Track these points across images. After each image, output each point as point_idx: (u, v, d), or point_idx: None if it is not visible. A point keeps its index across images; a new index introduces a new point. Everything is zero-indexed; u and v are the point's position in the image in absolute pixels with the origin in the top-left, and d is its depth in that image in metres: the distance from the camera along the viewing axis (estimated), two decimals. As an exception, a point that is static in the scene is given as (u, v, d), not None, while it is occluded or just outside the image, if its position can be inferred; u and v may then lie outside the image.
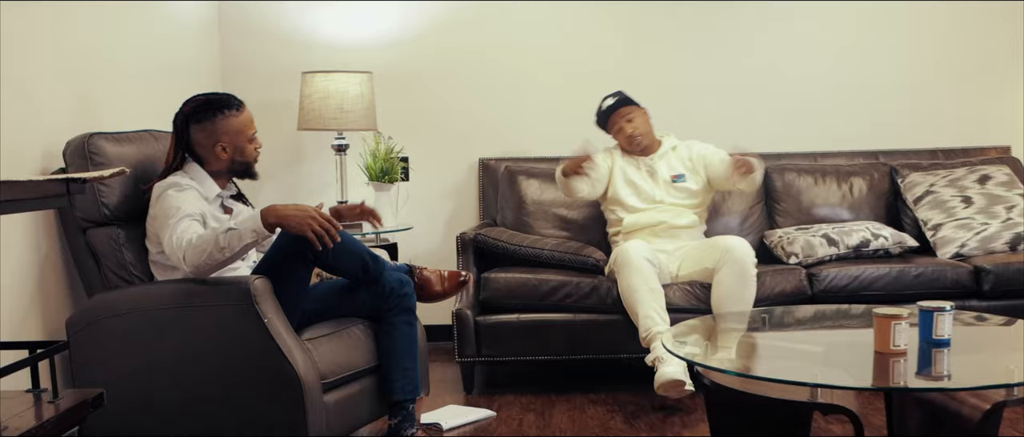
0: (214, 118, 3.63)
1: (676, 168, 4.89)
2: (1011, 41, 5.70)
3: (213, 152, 3.65)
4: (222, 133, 3.64)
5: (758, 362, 3.25)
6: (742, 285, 4.37)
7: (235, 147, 3.67)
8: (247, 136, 3.69)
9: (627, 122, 4.85)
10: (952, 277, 4.66)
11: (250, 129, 3.71)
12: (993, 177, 5.12)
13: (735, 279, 4.36)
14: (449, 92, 5.64)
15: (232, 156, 3.68)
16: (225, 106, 3.65)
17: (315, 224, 3.38)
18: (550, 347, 4.63)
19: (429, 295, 3.95)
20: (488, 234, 4.80)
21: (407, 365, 3.75)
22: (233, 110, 3.66)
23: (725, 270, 4.39)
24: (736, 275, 4.37)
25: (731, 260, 4.39)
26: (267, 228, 3.38)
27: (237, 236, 3.34)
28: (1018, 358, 3.08)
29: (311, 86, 5.12)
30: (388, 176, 5.26)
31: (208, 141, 3.64)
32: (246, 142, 3.69)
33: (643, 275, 4.35)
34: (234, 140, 3.66)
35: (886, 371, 2.96)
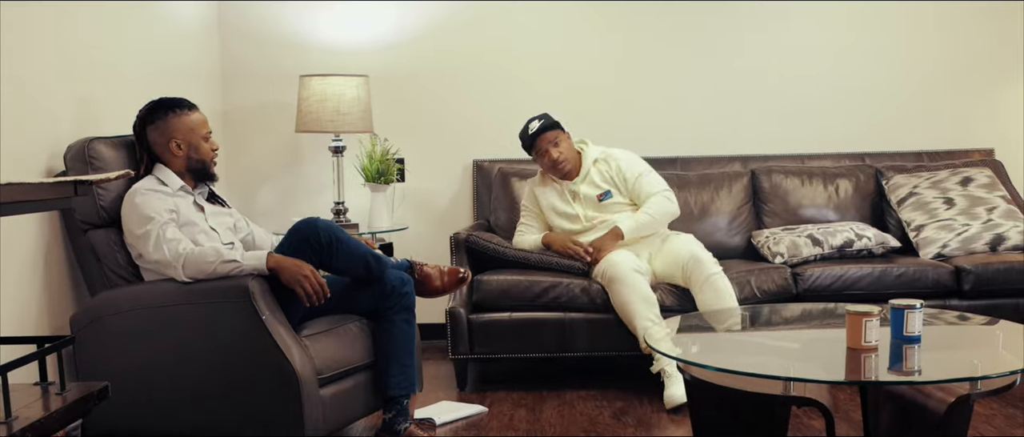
0: (166, 116, 3.79)
1: (600, 186, 4.91)
2: (995, 45, 5.79)
3: (169, 150, 3.79)
4: (174, 130, 3.79)
5: (736, 357, 3.38)
6: (719, 299, 4.48)
7: (189, 144, 3.81)
8: (200, 134, 3.84)
9: (553, 146, 4.85)
10: (933, 277, 4.78)
11: (203, 128, 3.86)
12: (975, 179, 5.25)
13: (713, 296, 4.48)
14: (444, 94, 5.77)
15: (188, 154, 3.81)
16: (176, 105, 3.82)
17: (306, 284, 3.56)
18: (541, 345, 4.74)
19: (429, 290, 4.08)
20: (480, 236, 4.92)
21: (405, 361, 3.87)
22: (184, 109, 3.83)
23: (701, 294, 4.51)
24: (713, 291, 4.49)
25: (699, 281, 4.52)
26: (268, 270, 3.57)
27: (238, 270, 3.54)
28: (985, 354, 3.22)
29: (308, 89, 5.24)
30: (384, 177, 5.39)
31: (162, 139, 3.78)
32: (200, 140, 3.84)
33: (633, 287, 4.48)
34: (187, 137, 3.80)
35: (857, 366, 3.09)
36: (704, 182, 5.46)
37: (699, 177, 5.49)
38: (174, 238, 3.57)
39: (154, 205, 3.64)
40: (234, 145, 5.72)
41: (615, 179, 4.93)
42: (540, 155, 4.90)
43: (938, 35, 5.81)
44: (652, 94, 5.76)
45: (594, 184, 4.93)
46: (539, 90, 5.75)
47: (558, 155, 4.86)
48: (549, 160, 4.88)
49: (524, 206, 5.11)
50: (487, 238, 4.94)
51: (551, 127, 4.89)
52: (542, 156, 4.90)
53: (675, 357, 3.20)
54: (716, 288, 4.49)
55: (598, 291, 4.67)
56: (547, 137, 4.88)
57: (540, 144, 4.88)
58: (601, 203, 4.90)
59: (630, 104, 5.74)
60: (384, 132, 5.58)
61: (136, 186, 3.71)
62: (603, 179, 4.94)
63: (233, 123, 5.73)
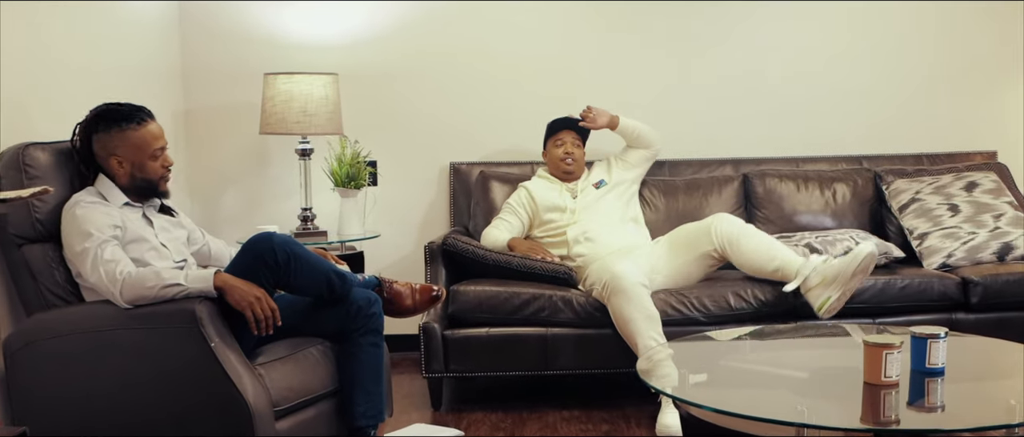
0: (111, 130, 3.35)
1: (596, 177, 4.86)
2: (997, 44, 5.44)
3: (110, 165, 3.36)
4: (117, 146, 3.35)
5: (740, 392, 2.98)
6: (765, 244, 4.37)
7: (133, 163, 3.37)
8: (149, 152, 3.40)
9: (574, 144, 4.83)
10: (939, 289, 4.40)
11: (154, 144, 3.41)
12: (980, 184, 4.86)
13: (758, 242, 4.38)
14: (419, 94, 5.34)
15: (131, 172, 3.38)
16: (125, 118, 3.36)
17: (257, 307, 3.17)
18: (521, 362, 4.34)
19: (399, 310, 3.68)
20: (458, 239, 4.52)
21: (372, 389, 3.47)
22: (133, 124, 3.37)
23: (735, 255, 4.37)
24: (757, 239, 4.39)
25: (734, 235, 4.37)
26: (215, 291, 3.17)
27: (183, 293, 3.14)
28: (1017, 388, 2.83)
29: (273, 88, 4.82)
30: (354, 182, 4.97)
31: (104, 153, 3.36)
32: (147, 159, 3.39)
33: (638, 302, 4.10)
34: (132, 156, 3.37)
35: (877, 407, 2.70)
36: (693, 187, 5.06)
37: (687, 182, 5.09)
38: (113, 259, 3.15)
39: (96, 220, 3.22)
40: (196, 148, 5.29)
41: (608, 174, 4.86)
42: (557, 143, 4.83)
43: (938, 34, 5.44)
44: (638, 95, 5.35)
45: (591, 178, 4.85)
46: (519, 90, 5.35)
47: (573, 151, 4.81)
48: (563, 150, 4.80)
49: (509, 204, 4.81)
50: (466, 241, 4.54)
51: (583, 133, 4.89)
52: (559, 145, 4.82)
53: (671, 395, 2.79)
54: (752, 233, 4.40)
55: (583, 304, 4.28)
56: (574, 135, 4.84)
57: (566, 136, 4.83)
58: (597, 191, 4.77)
59: (615, 105, 5.28)
60: (355, 134, 5.15)
61: (77, 197, 3.30)
62: (599, 174, 4.87)
63: (195, 124, 5.29)
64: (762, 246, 4.35)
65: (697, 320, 4.28)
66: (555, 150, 4.81)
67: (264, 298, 3.19)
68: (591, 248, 4.55)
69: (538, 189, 4.79)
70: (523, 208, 4.75)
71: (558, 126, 4.84)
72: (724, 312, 4.31)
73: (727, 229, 4.37)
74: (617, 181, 4.83)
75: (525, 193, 4.78)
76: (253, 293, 3.18)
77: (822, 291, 4.12)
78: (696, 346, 3.61)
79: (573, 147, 4.79)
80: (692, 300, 4.32)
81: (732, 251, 4.36)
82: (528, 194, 4.77)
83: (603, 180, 4.82)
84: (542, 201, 4.73)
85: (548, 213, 4.71)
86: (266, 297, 3.20)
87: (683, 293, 4.34)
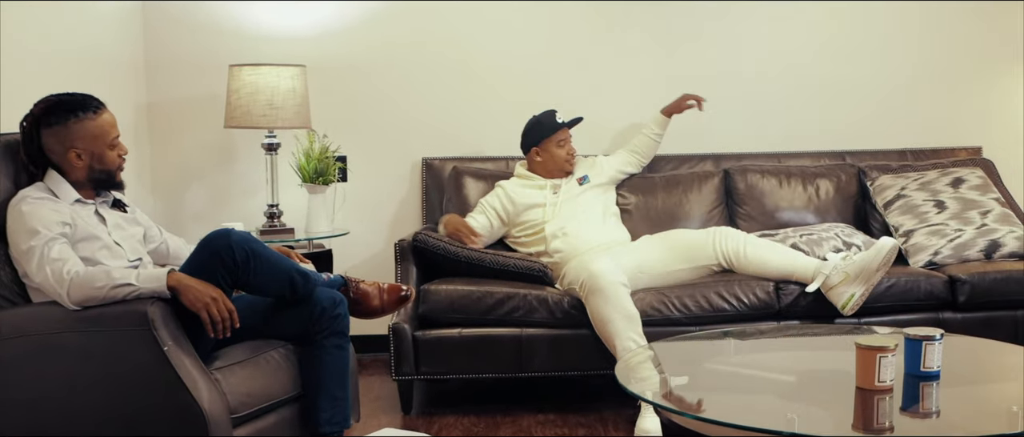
0: (66, 122, 3.13)
1: (580, 173, 4.68)
2: (983, 38, 5.27)
3: (67, 159, 3.15)
4: (75, 138, 3.14)
5: (722, 397, 2.79)
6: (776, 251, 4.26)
7: (92, 154, 3.17)
8: (106, 142, 3.19)
9: (572, 144, 4.69)
10: (926, 288, 4.23)
11: (111, 133, 3.20)
12: (966, 180, 4.70)
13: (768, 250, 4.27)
14: (390, 87, 5.13)
15: (90, 164, 3.17)
16: (79, 108, 3.15)
17: (213, 308, 2.97)
18: (495, 364, 4.15)
19: (366, 311, 3.47)
20: (429, 235, 4.32)
21: (337, 394, 3.27)
22: (89, 113, 3.16)
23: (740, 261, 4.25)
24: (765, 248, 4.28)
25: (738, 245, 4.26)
26: (169, 291, 2.96)
27: (134, 293, 2.93)
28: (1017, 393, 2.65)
29: (239, 80, 4.61)
30: (323, 178, 4.76)
31: (60, 147, 3.14)
32: (105, 148, 3.19)
33: (616, 302, 3.93)
34: (91, 146, 3.16)
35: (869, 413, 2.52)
36: (671, 184, 4.87)
37: (666, 178, 4.90)
38: (60, 257, 2.94)
39: (43, 217, 3.01)
40: (160, 142, 5.07)
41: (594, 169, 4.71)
42: (559, 144, 4.63)
43: (922, 28, 5.27)
44: (616, 89, 5.17)
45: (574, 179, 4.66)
46: (493, 84, 5.16)
47: (571, 152, 4.67)
48: (565, 151, 4.65)
49: (482, 202, 4.61)
50: (437, 237, 4.34)
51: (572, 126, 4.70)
52: (561, 146, 4.63)
53: (651, 402, 2.60)
54: (759, 243, 4.29)
55: (558, 302, 4.10)
56: (569, 133, 4.67)
57: (563, 135, 4.64)
58: (579, 187, 4.60)
59: (591, 100, 5.13)
60: (323, 128, 4.93)
61: (24, 192, 3.09)
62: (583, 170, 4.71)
63: (158, 117, 5.07)
64: (772, 252, 4.22)
65: (679, 321, 4.10)
66: (558, 150, 4.62)
67: (221, 298, 2.99)
68: (569, 244, 4.37)
69: (516, 188, 4.60)
70: (497, 209, 4.55)
71: (559, 125, 4.63)
72: (706, 313, 4.13)
73: (732, 246, 4.24)
74: (598, 181, 4.66)
75: (502, 193, 4.59)
76: (209, 293, 2.98)
77: (846, 289, 3.98)
78: (678, 347, 3.42)
79: (572, 151, 4.66)
80: (673, 300, 4.14)
81: (739, 263, 4.23)
82: (505, 194, 4.57)
83: (587, 176, 4.64)
84: (521, 200, 4.54)
85: (527, 211, 4.52)
86: (223, 297, 3.00)
87: (664, 293, 4.16)
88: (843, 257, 4.06)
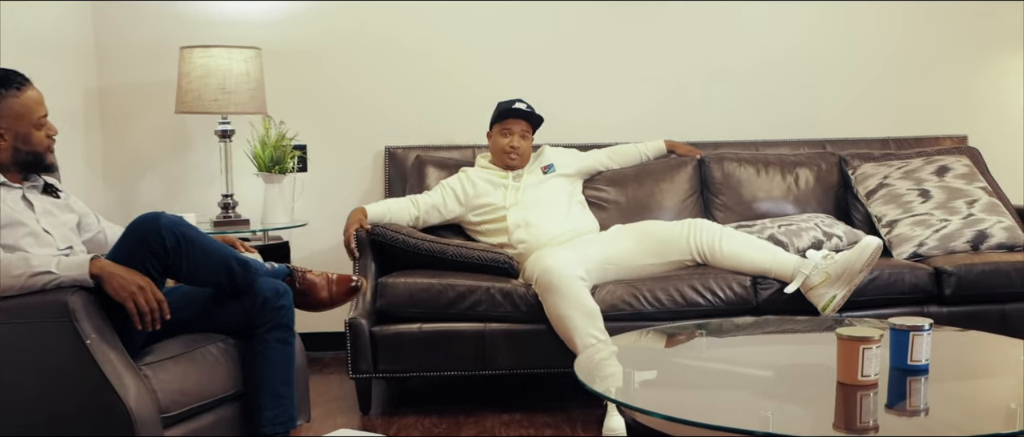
0: None
1: (545, 162, 4.39)
2: (967, 24, 5.04)
3: None
4: None
5: (691, 395, 2.53)
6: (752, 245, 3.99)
7: (17, 134, 2.90)
8: (33, 121, 2.92)
9: (522, 136, 4.32)
10: (910, 280, 3.97)
11: (38, 111, 2.93)
12: (952, 169, 4.46)
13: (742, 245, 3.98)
14: (352, 73, 4.86)
15: (14, 145, 2.91)
16: (2, 85, 2.88)
17: (140, 298, 2.70)
18: (457, 361, 3.89)
19: (314, 302, 3.22)
20: (388, 227, 4.05)
21: (281, 391, 3.01)
22: (12, 89, 2.89)
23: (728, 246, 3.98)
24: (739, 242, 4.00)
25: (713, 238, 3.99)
26: (92, 279, 2.69)
27: (54, 282, 2.66)
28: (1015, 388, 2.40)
29: (190, 63, 4.33)
30: (279, 166, 4.49)
31: None
32: (31, 128, 2.92)
33: (573, 298, 3.66)
34: (15, 126, 2.89)
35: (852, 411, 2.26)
36: (643, 173, 4.59)
37: (637, 169, 4.62)
38: None
39: None
40: (112, 129, 4.79)
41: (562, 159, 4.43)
42: (503, 132, 4.31)
43: (906, 13, 5.02)
44: (586, 76, 4.91)
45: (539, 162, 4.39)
46: (459, 70, 4.90)
47: (518, 145, 4.30)
48: (508, 143, 4.29)
49: (445, 181, 4.35)
50: (396, 228, 4.06)
51: (534, 121, 4.36)
52: (504, 135, 4.30)
53: (613, 399, 2.34)
54: (735, 237, 4.00)
55: (524, 296, 3.84)
56: (523, 125, 4.32)
57: (512, 125, 4.31)
58: (543, 175, 4.32)
59: (559, 88, 4.89)
60: (281, 114, 4.65)
61: None
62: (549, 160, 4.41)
63: (110, 103, 4.79)
64: (748, 247, 3.94)
65: (650, 315, 3.84)
66: (500, 139, 4.31)
67: (148, 288, 2.72)
68: (532, 234, 4.11)
69: (477, 172, 4.34)
70: (455, 189, 4.28)
71: (509, 113, 4.33)
72: (680, 307, 3.86)
73: (707, 239, 3.96)
74: (565, 171, 4.40)
75: (463, 176, 4.33)
76: (135, 282, 2.70)
77: (827, 290, 3.72)
78: (645, 341, 3.16)
79: (520, 140, 4.29)
80: (644, 294, 3.88)
81: (713, 258, 3.96)
82: (466, 177, 4.31)
83: (552, 166, 4.37)
84: (481, 183, 4.28)
85: (486, 197, 4.25)
86: (151, 286, 2.73)
87: (635, 286, 3.89)
88: (824, 256, 3.79)
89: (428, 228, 4.27)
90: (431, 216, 4.26)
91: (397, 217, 4.17)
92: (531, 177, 4.31)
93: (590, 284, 3.80)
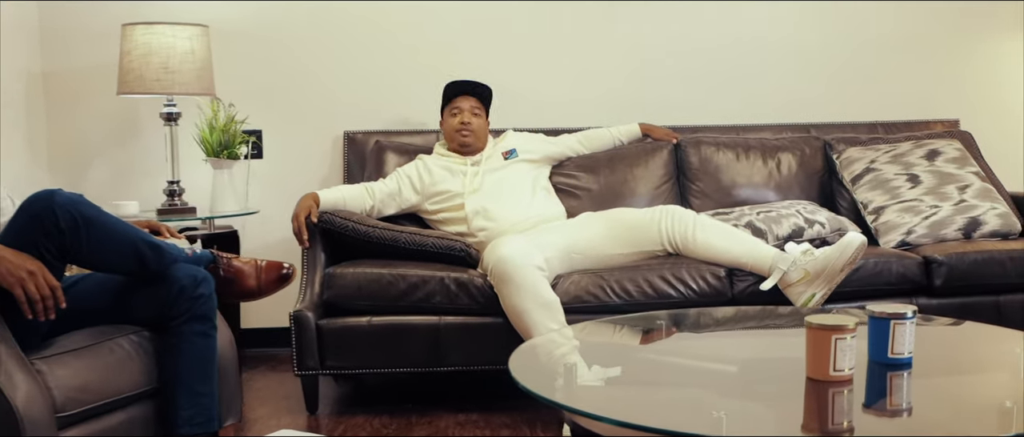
0: None
1: (507, 147, 4.06)
2: (958, 3, 4.71)
3: None
4: None
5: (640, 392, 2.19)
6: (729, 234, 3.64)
7: None
8: None
9: (473, 112, 4.01)
10: (898, 270, 3.63)
11: None
12: (943, 152, 4.12)
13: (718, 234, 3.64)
14: (308, 52, 4.52)
15: None
16: None
17: (30, 284, 2.36)
18: (409, 357, 3.54)
19: (241, 292, 2.91)
20: (337, 214, 3.72)
21: (199, 390, 2.68)
22: None
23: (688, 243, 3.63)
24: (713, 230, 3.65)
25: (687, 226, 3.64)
26: None
27: None
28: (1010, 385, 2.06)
29: (131, 41, 4.00)
30: (228, 151, 4.15)
31: None
32: None
33: (530, 290, 3.33)
34: None
35: (823, 410, 1.92)
36: (615, 159, 4.26)
37: (609, 154, 4.29)
38: None
39: None
40: (57, 114, 4.45)
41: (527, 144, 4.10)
42: (452, 112, 4.01)
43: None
44: (553, 57, 4.58)
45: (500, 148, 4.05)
46: (422, 50, 4.56)
47: (469, 120, 3.99)
48: (458, 122, 3.99)
49: (401, 169, 4.01)
50: (346, 215, 3.72)
51: (485, 98, 4.08)
52: (454, 113, 4.00)
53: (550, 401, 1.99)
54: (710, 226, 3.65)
55: (481, 288, 3.50)
56: (472, 101, 4.02)
57: (463, 101, 4.01)
58: (505, 160, 3.99)
59: (529, 69, 4.56)
60: (233, 97, 4.33)
61: None
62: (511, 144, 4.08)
63: (56, 87, 4.45)
64: (724, 237, 3.59)
65: (618, 307, 3.50)
66: (450, 119, 4.00)
67: (40, 273, 2.38)
68: (492, 222, 3.78)
69: (435, 158, 4.01)
70: (411, 176, 3.95)
71: (454, 90, 4.01)
72: (650, 299, 3.52)
73: (680, 228, 3.61)
74: (530, 156, 4.07)
75: (420, 163, 4.00)
76: (25, 266, 2.37)
77: (805, 288, 3.38)
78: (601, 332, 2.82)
79: (471, 115, 3.98)
80: (611, 284, 3.54)
81: (686, 248, 3.61)
82: (424, 164, 3.98)
83: (515, 151, 4.04)
84: (437, 173, 3.94)
85: (443, 184, 3.92)
86: (43, 271, 2.39)
87: (602, 276, 3.56)
88: (804, 251, 3.44)
89: (386, 219, 3.94)
90: (387, 205, 3.93)
91: (352, 205, 3.84)
92: (491, 163, 3.98)
93: (551, 274, 3.47)
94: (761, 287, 3.47)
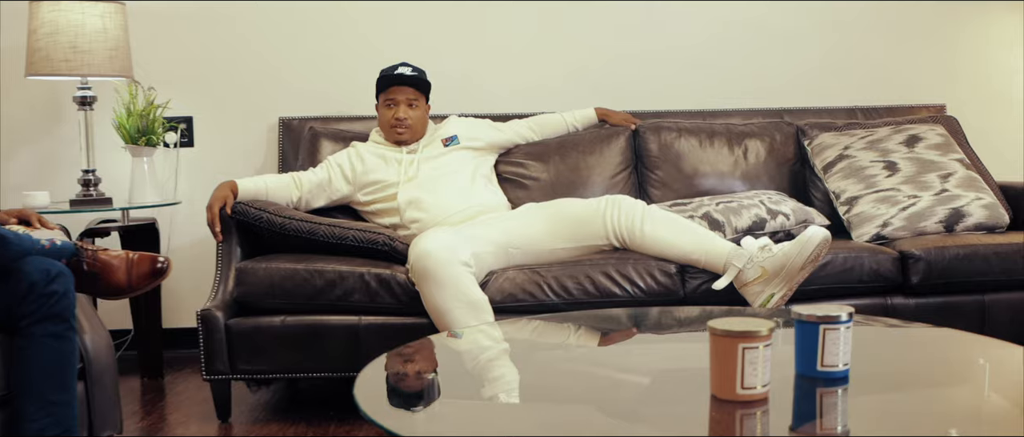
0: None
1: (447, 133, 3.69)
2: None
3: None
4: None
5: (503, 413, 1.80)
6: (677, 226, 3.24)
7: None
8: None
9: (409, 104, 3.61)
10: (870, 266, 3.23)
11: None
12: (924, 138, 3.71)
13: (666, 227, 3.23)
14: (242, 34, 4.14)
15: None
16: None
17: None
18: (327, 360, 3.17)
19: (109, 288, 2.57)
20: (251, 204, 3.33)
21: (51, 398, 2.32)
22: None
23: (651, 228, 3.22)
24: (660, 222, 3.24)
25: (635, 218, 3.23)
26: None
27: None
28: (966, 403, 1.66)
29: (38, 19, 3.63)
30: (147, 137, 3.77)
31: None
32: None
33: (453, 288, 2.96)
34: None
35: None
36: (567, 145, 3.86)
37: (560, 140, 3.89)
38: None
39: None
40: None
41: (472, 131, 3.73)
42: (387, 104, 3.62)
43: (876, -36, 4.28)
44: (507, 37, 4.21)
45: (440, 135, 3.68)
46: (364, 30, 4.18)
47: (405, 115, 3.59)
48: (393, 117, 3.60)
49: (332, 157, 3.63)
50: (260, 205, 3.33)
51: (419, 87, 3.63)
52: (388, 106, 3.62)
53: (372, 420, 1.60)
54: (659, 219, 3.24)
55: (405, 285, 3.13)
56: (408, 92, 3.60)
57: (398, 93, 3.60)
58: (444, 148, 3.62)
59: (478, 51, 4.19)
60: (158, 80, 3.95)
61: None
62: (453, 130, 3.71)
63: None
64: (674, 231, 3.19)
65: (556, 307, 3.13)
66: (385, 112, 3.63)
67: None
68: (426, 214, 3.40)
69: (368, 146, 3.64)
70: (342, 165, 3.58)
71: (388, 81, 3.62)
72: (592, 298, 3.15)
73: (626, 221, 3.21)
74: (473, 144, 3.69)
75: (352, 151, 3.62)
76: None
77: (762, 288, 3.01)
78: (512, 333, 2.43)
79: (407, 109, 3.59)
80: (549, 282, 3.16)
81: (633, 242, 3.21)
82: (356, 152, 3.61)
83: (456, 137, 3.66)
84: (370, 161, 3.57)
85: (375, 173, 3.54)
86: None
87: (538, 272, 3.18)
88: (762, 247, 3.04)
89: (317, 212, 3.56)
90: (316, 197, 3.55)
91: (276, 195, 3.46)
92: (429, 150, 3.59)
93: (482, 271, 3.09)
94: (714, 286, 3.08)
